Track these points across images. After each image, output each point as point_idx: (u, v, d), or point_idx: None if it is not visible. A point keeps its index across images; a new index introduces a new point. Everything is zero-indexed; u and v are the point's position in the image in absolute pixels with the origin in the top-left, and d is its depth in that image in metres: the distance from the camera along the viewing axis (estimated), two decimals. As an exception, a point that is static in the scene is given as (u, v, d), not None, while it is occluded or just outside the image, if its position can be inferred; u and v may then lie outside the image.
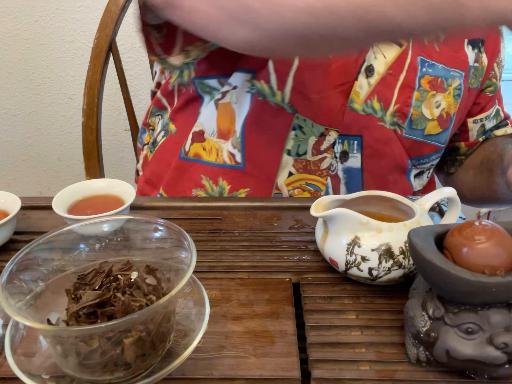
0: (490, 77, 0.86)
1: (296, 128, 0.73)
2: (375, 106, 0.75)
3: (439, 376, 0.40)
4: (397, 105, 0.75)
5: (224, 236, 0.59)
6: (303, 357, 0.42)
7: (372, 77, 0.75)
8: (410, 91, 0.75)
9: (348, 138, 0.75)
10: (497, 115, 0.90)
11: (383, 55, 0.75)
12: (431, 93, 0.76)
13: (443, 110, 0.78)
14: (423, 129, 0.78)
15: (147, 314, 0.35)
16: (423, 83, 0.76)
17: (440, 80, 0.77)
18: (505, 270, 0.37)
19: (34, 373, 0.37)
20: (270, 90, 0.73)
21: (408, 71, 0.75)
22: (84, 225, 0.44)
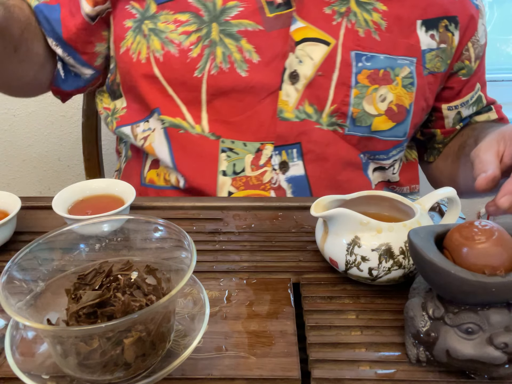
0: (463, 59, 0.80)
1: (226, 150, 0.74)
2: (307, 110, 0.73)
3: (439, 376, 0.40)
4: (334, 105, 0.73)
5: (224, 236, 0.59)
6: (303, 357, 0.42)
7: (299, 83, 0.72)
8: (347, 89, 0.72)
9: (285, 148, 0.74)
10: (478, 102, 0.85)
11: (310, 57, 0.72)
12: (372, 88, 0.73)
13: (391, 103, 0.74)
14: (369, 125, 0.74)
15: (147, 314, 0.35)
16: (361, 79, 0.73)
17: (382, 72, 0.73)
18: (505, 270, 0.37)
19: (34, 373, 0.37)
20: (189, 125, 0.74)
21: (341, 69, 0.72)
22: (84, 225, 0.44)
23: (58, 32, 0.76)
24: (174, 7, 0.72)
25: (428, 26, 0.76)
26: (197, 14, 0.71)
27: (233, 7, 0.71)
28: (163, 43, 0.72)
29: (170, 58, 0.72)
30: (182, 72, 0.72)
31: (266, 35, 0.71)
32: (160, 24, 0.73)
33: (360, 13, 0.72)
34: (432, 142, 0.90)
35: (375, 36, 0.73)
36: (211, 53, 0.71)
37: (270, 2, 0.71)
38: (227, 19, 0.71)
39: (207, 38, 0.71)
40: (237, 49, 0.71)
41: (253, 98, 0.73)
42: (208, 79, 0.71)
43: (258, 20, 0.71)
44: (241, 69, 0.71)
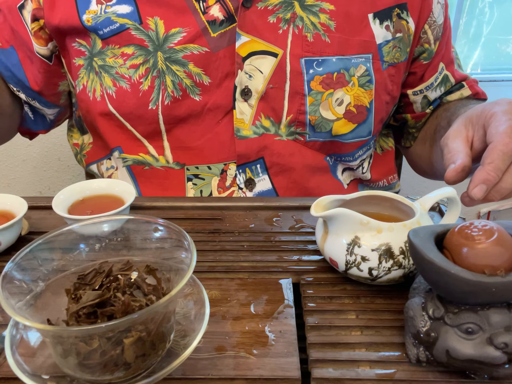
0: (422, 43, 0.78)
1: (192, 178, 0.74)
2: (265, 124, 0.73)
3: (439, 376, 0.40)
4: (290, 115, 0.72)
5: (224, 236, 0.59)
6: (303, 357, 0.42)
7: (252, 98, 0.71)
8: (301, 98, 0.71)
9: (248, 165, 0.74)
10: (444, 82, 0.83)
11: (259, 70, 0.71)
12: (327, 93, 0.71)
13: (349, 105, 0.72)
14: (329, 130, 0.73)
15: (147, 314, 0.35)
16: (314, 86, 0.71)
17: (336, 74, 0.71)
18: (505, 270, 0.37)
19: (34, 373, 0.37)
20: (153, 158, 0.75)
21: (292, 79, 0.70)
22: (84, 225, 0.44)
23: (19, 77, 0.76)
24: (118, 41, 0.71)
25: (381, 17, 0.73)
26: (142, 45, 0.70)
27: (176, 33, 0.69)
28: (114, 79, 0.71)
29: (123, 93, 0.71)
30: (137, 106, 0.71)
31: (213, 56, 0.70)
32: (109, 59, 0.72)
33: (306, 17, 0.70)
34: (406, 127, 0.88)
35: (325, 38, 0.71)
36: (161, 83, 0.70)
37: (212, 21, 0.69)
38: (171, 46, 0.69)
39: (155, 68, 0.70)
40: (186, 74, 0.70)
41: (211, 120, 0.72)
42: (163, 110, 0.71)
43: (203, 42, 0.69)
44: (194, 94, 0.71)
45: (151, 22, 0.70)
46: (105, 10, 0.71)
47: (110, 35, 0.71)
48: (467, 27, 1.57)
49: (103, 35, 0.71)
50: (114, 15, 0.70)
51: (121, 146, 0.75)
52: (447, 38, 0.82)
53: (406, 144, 0.90)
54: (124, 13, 0.71)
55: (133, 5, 0.71)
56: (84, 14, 0.71)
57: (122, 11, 0.71)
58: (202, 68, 0.70)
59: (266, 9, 0.70)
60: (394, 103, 0.81)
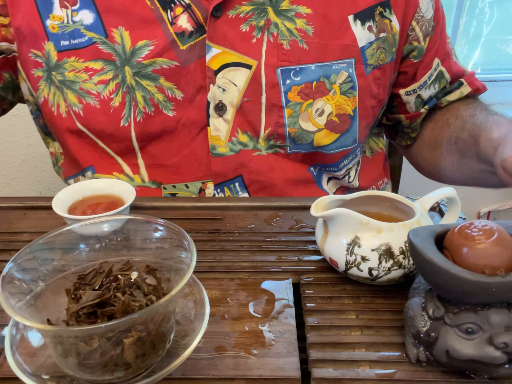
0: (410, 41, 0.74)
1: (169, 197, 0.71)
2: (242, 139, 0.69)
3: (439, 376, 0.40)
4: (268, 128, 0.68)
5: (224, 236, 0.59)
6: (303, 357, 0.42)
7: (227, 113, 0.67)
8: (279, 110, 0.67)
9: (226, 184, 0.71)
10: (439, 78, 0.78)
11: (233, 83, 0.66)
12: (306, 104, 0.67)
13: (330, 115, 0.68)
14: (311, 142, 0.69)
15: (147, 314, 0.35)
16: (292, 97, 0.67)
17: (316, 83, 0.67)
18: (505, 270, 0.37)
19: (34, 373, 0.37)
20: (128, 178, 0.72)
21: (268, 91, 0.66)
22: (84, 225, 0.44)
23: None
24: (84, 54, 0.67)
25: (363, 18, 0.68)
26: (110, 60, 0.66)
27: (143, 46, 0.65)
28: (79, 95, 0.67)
29: (92, 110, 0.67)
30: (108, 124, 0.68)
31: (183, 70, 0.66)
32: (68, 73, 0.67)
33: (281, 23, 0.66)
34: (400, 126, 0.85)
35: (303, 45, 0.66)
36: (132, 99, 0.66)
37: (181, 33, 0.65)
38: (139, 60, 0.65)
39: (124, 83, 0.66)
40: (157, 89, 0.66)
41: (186, 137, 0.69)
42: (135, 127, 0.68)
43: (172, 56, 0.65)
44: (167, 109, 0.67)
45: (117, 34, 0.66)
46: (72, 18, 0.67)
47: (73, 48, 0.67)
48: (467, 27, 1.57)
49: (64, 46, 0.67)
50: (83, 27, 0.66)
51: (93, 166, 0.72)
52: (440, 31, 0.77)
53: (402, 143, 0.87)
54: (89, 24, 0.67)
55: (95, 12, 0.66)
56: (48, 19, 0.67)
57: (87, 20, 0.67)
58: (173, 82, 0.66)
59: (237, 17, 0.66)
60: (381, 105, 0.77)
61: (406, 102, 0.80)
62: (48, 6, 0.67)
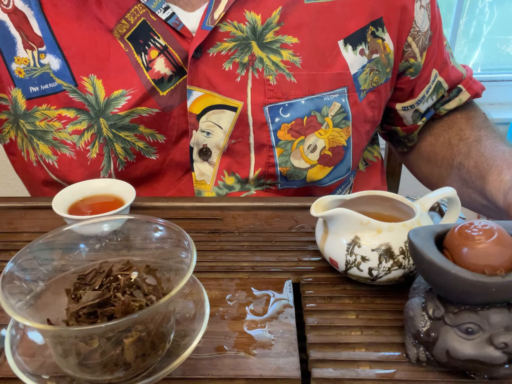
0: (407, 57, 0.70)
1: None
2: (228, 182, 0.66)
3: (439, 376, 0.40)
4: (258, 169, 0.65)
5: (224, 236, 0.59)
6: (303, 357, 0.42)
7: (212, 156, 0.64)
8: (269, 150, 0.64)
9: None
10: (436, 89, 0.75)
11: (219, 126, 0.63)
12: (297, 141, 0.63)
13: (324, 150, 0.65)
14: (303, 178, 0.66)
15: (147, 314, 0.35)
16: (282, 135, 0.63)
17: (306, 118, 0.63)
18: (505, 270, 0.37)
19: (34, 373, 0.37)
20: None
21: (256, 131, 0.63)
22: (84, 225, 0.44)
23: None
24: (55, 101, 0.61)
25: (354, 42, 0.64)
26: (83, 109, 0.61)
27: (119, 96, 0.60)
28: (53, 146, 0.62)
29: (68, 162, 0.63)
30: (86, 175, 0.63)
31: (165, 116, 0.62)
32: (39, 123, 0.62)
33: (266, 57, 0.61)
34: (396, 136, 0.82)
35: (290, 78, 0.62)
36: (111, 151, 0.62)
37: (159, 80, 0.60)
38: (114, 111, 0.60)
39: (101, 135, 0.61)
40: (137, 137, 0.62)
41: (172, 177, 0.66)
42: (117, 176, 0.64)
43: (152, 104, 0.61)
44: (149, 153, 0.64)
45: (87, 83, 0.60)
46: (40, 61, 0.61)
47: (44, 94, 0.61)
48: (467, 27, 1.58)
49: (35, 93, 0.61)
50: (51, 71, 0.61)
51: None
52: (438, 37, 0.73)
53: (399, 150, 0.85)
54: (55, 70, 0.60)
55: (61, 58, 0.60)
56: (13, 63, 0.61)
57: (53, 66, 0.60)
58: (154, 128, 0.63)
59: (219, 55, 0.61)
60: (376, 125, 0.74)
61: (403, 117, 0.77)
62: (11, 48, 0.61)
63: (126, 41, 0.61)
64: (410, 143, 0.82)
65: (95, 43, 0.60)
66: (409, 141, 0.82)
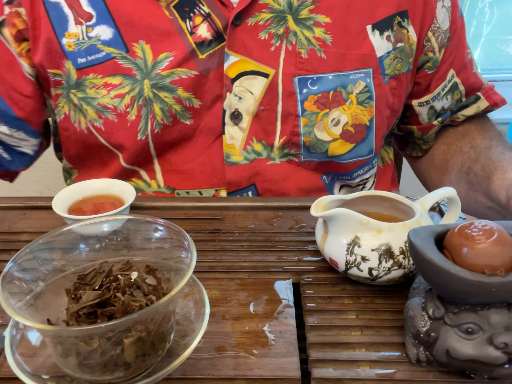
0: (425, 51, 0.73)
1: None
2: (256, 148, 0.69)
3: (439, 376, 0.40)
4: (283, 137, 0.68)
5: (224, 236, 0.59)
6: (303, 357, 0.42)
7: (242, 121, 0.68)
8: (295, 119, 0.67)
9: (239, 192, 0.71)
10: (452, 90, 0.77)
11: (250, 91, 0.67)
12: (322, 113, 0.67)
13: (346, 125, 0.68)
14: (325, 151, 0.69)
15: (147, 314, 0.35)
16: (308, 106, 0.66)
17: (332, 93, 0.67)
18: (505, 270, 0.37)
19: (34, 373, 0.37)
20: (145, 184, 0.72)
21: (285, 100, 0.67)
22: (84, 225, 0.44)
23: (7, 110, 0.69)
24: (102, 70, 0.67)
25: (381, 28, 0.69)
26: (129, 74, 0.66)
27: (164, 59, 0.66)
28: (98, 111, 0.67)
29: (111, 125, 0.68)
30: (126, 137, 0.68)
31: (202, 79, 0.67)
32: (89, 90, 0.67)
33: (300, 32, 0.66)
34: (411, 137, 0.84)
35: (321, 54, 0.66)
36: (149, 112, 0.66)
37: (200, 43, 0.66)
38: (158, 72, 0.66)
39: (141, 96, 0.66)
40: (175, 100, 0.66)
41: (203, 143, 0.70)
42: (153, 138, 0.68)
43: (191, 65, 0.66)
44: (184, 118, 0.68)
45: (138, 49, 0.66)
46: (87, 34, 0.67)
47: (90, 65, 0.67)
48: (467, 27, 1.57)
49: (82, 64, 0.67)
50: (99, 42, 0.66)
51: (111, 177, 0.72)
52: (458, 41, 0.77)
53: (413, 154, 0.86)
54: (107, 39, 0.66)
55: (114, 27, 0.66)
56: (64, 38, 0.67)
57: (105, 36, 0.66)
58: (191, 92, 0.67)
59: (257, 24, 0.66)
60: (396, 116, 0.77)
61: (419, 114, 0.80)
62: (63, 25, 0.67)
63: (172, 9, 0.66)
64: (425, 145, 0.83)
65: (143, 11, 0.66)
66: (424, 143, 0.83)
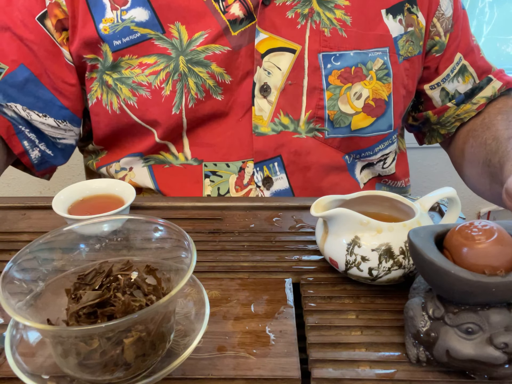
0: (432, 36, 0.80)
1: (209, 174, 0.74)
2: (283, 121, 0.73)
3: (439, 376, 0.40)
4: (309, 111, 0.72)
5: (224, 236, 0.59)
6: (303, 357, 0.42)
7: (271, 95, 0.72)
8: (320, 93, 0.72)
9: (265, 163, 0.74)
10: (462, 72, 0.83)
11: (278, 67, 0.71)
12: (345, 87, 0.72)
13: (368, 99, 0.73)
14: (348, 125, 0.74)
15: (147, 314, 0.35)
16: (332, 80, 0.72)
17: (354, 68, 0.72)
18: (505, 270, 0.37)
19: (34, 373, 0.37)
20: (173, 156, 0.74)
21: (310, 74, 0.72)
22: (84, 225, 0.44)
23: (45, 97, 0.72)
24: (137, 51, 0.70)
25: (394, 12, 0.75)
26: (164, 53, 0.70)
27: (199, 36, 0.70)
28: (132, 88, 0.71)
29: (144, 101, 0.71)
30: (159, 112, 0.71)
31: (234, 54, 0.70)
32: (124, 71, 0.71)
33: (322, 13, 0.72)
34: (428, 125, 0.88)
35: (342, 33, 0.72)
36: (184, 86, 0.70)
37: (233, 20, 0.70)
38: (193, 48, 0.70)
39: (176, 72, 0.70)
40: (209, 75, 0.70)
41: (233, 118, 0.73)
42: (187, 113, 0.71)
43: (224, 42, 0.70)
44: (216, 93, 0.71)
45: (174, 30, 0.70)
46: (121, 17, 0.70)
47: (125, 46, 0.70)
48: (467, 27, 1.57)
49: (118, 46, 0.70)
50: (133, 23, 0.70)
51: (142, 152, 0.75)
52: (461, 28, 0.82)
53: (432, 142, 0.91)
54: (143, 21, 0.70)
55: (150, 9, 0.70)
56: (101, 23, 0.70)
57: (140, 18, 0.70)
58: (224, 67, 0.70)
59: (284, 4, 0.71)
60: (410, 98, 0.81)
61: (432, 97, 0.84)
62: (100, 11, 0.71)
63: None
64: (443, 129, 0.88)
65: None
66: (441, 127, 0.87)
